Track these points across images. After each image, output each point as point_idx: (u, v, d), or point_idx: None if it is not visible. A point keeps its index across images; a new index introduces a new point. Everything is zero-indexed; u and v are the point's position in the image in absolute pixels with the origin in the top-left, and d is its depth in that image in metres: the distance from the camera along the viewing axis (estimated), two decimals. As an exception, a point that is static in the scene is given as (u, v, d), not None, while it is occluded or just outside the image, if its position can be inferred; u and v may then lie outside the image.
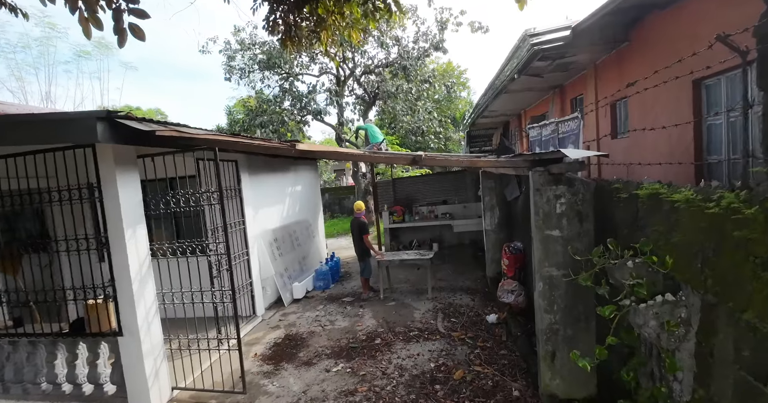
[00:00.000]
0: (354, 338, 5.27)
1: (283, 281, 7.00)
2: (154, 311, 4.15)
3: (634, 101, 5.13)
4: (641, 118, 5.03)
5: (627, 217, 2.61)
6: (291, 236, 7.97)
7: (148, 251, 4.10)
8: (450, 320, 5.60)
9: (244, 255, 6.08)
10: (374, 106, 15.40)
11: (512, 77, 6.62)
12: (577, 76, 7.02)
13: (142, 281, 4.02)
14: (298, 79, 14.94)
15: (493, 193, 6.83)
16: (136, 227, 3.97)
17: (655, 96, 4.68)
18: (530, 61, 5.64)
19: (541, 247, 3.29)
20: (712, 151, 4.15)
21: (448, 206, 10.54)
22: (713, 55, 2.58)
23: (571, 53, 5.48)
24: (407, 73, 13.32)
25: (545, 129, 4.38)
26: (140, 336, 3.97)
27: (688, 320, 2.01)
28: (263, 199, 6.98)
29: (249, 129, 14.08)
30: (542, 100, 9.42)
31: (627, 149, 5.45)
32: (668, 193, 2.13)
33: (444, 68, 23.55)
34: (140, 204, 4.03)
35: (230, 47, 14.02)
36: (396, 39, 13.92)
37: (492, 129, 15.64)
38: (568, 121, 3.55)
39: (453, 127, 21.87)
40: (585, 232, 3.20)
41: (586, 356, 2.48)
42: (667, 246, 2.16)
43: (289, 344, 5.25)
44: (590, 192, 3.15)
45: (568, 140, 3.52)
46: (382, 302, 6.65)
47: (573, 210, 3.19)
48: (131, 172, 3.94)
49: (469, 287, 7.01)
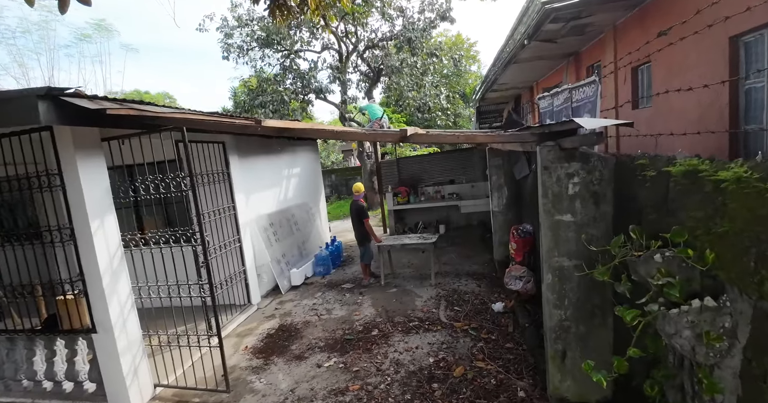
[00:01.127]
0: (350, 328, 4.96)
1: (280, 268, 6.71)
2: (129, 306, 3.87)
3: (660, 65, 4.54)
4: (667, 84, 4.44)
5: (655, 199, 2.14)
6: (289, 221, 7.64)
7: (119, 242, 3.79)
8: (453, 308, 5.25)
9: (236, 242, 5.78)
10: (379, 83, 14.74)
11: (522, 44, 6.01)
12: (594, 41, 6.35)
13: (114, 275, 3.72)
14: (299, 56, 14.31)
15: (501, 171, 6.33)
16: (104, 216, 3.64)
17: (683, 58, 4.10)
18: (541, 23, 5.04)
19: (550, 234, 2.85)
20: (751, 119, 3.60)
21: (456, 186, 10.06)
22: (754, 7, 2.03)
23: (587, 13, 4.86)
24: (412, 46, 12.59)
25: (557, 98, 3.85)
26: (114, 333, 3.71)
27: (734, 332, 1.58)
28: (256, 183, 6.62)
29: (250, 110, 13.63)
30: (556, 70, 8.72)
31: (650, 120, 4.88)
32: (711, 170, 1.66)
33: (453, 41, 22.53)
34: (107, 192, 3.68)
35: (227, 24, 13.42)
36: (400, 10, 13.13)
37: (503, 104, 14.91)
38: (584, 86, 3.04)
39: (463, 103, 21.06)
40: (602, 216, 2.75)
41: (601, 368, 2.07)
42: (707, 237, 1.71)
43: (282, 336, 4.98)
44: (609, 169, 2.68)
45: (583, 109, 3.01)
46: (382, 288, 6.32)
47: (588, 191, 2.72)
48: (95, 157, 3.58)
49: (475, 272, 6.62)
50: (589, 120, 2.50)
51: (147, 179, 3.63)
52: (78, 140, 3.42)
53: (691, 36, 3.88)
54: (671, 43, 3.03)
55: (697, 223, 1.78)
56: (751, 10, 2.95)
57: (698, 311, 1.65)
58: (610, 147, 5.89)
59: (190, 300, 4.16)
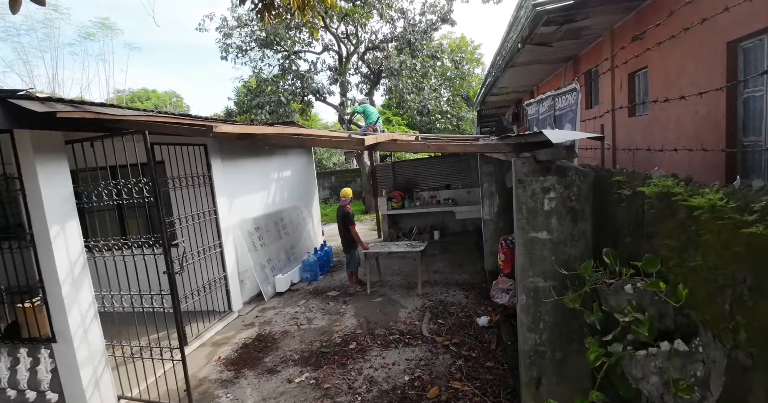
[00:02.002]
0: (328, 340, 4.78)
1: (264, 274, 6.55)
2: (92, 315, 3.72)
3: (656, 71, 4.32)
4: (664, 91, 4.22)
5: (630, 221, 1.94)
6: (277, 225, 7.48)
7: (82, 248, 3.64)
8: (437, 321, 5.04)
9: (217, 247, 5.62)
10: (379, 85, 14.57)
11: (516, 47, 5.80)
12: (592, 45, 6.14)
13: (75, 283, 3.57)
14: (299, 57, 14.19)
15: (492, 179, 6.12)
16: (66, 222, 3.49)
17: (681, 64, 3.88)
18: (534, 26, 4.83)
19: (524, 251, 2.65)
20: (750, 131, 3.37)
21: (451, 191, 9.85)
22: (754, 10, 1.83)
23: (582, 16, 4.64)
24: (413, 48, 12.41)
25: (542, 105, 3.65)
26: (74, 343, 3.57)
27: (706, 381, 1.38)
28: (242, 186, 6.46)
29: (248, 111, 13.53)
30: (555, 74, 8.50)
31: (647, 128, 4.65)
32: (684, 194, 1.46)
33: (457, 43, 22.31)
34: (70, 197, 3.54)
35: (227, 24, 13.33)
36: (401, 11, 12.96)
37: (504, 108, 14.67)
38: (565, 94, 2.83)
39: (466, 106, 20.82)
40: (580, 234, 2.54)
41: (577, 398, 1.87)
42: (681, 269, 1.51)
43: (257, 346, 4.81)
44: (588, 184, 2.47)
45: (564, 118, 2.81)
46: (368, 297, 6.13)
47: (565, 207, 2.52)
48: (56, 160, 3.43)
49: (465, 282, 6.41)
50: (556, 132, 2.30)
51: (110, 184, 3.47)
52: (38, 144, 3.27)
53: (687, 41, 3.67)
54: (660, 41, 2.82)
55: (671, 252, 1.57)
56: (750, 15, 2.74)
57: (667, 355, 1.45)
58: (607, 159, 5.67)
59: (163, 308, 4.01)
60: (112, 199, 3.44)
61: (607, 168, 2.49)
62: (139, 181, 3.32)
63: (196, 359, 4.67)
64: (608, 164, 5.60)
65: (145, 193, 3.34)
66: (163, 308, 3.66)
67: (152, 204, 5.36)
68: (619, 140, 5.27)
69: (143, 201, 3.37)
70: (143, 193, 3.34)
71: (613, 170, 2.20)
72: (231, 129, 2.87)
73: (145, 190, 3.33)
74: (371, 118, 7.54)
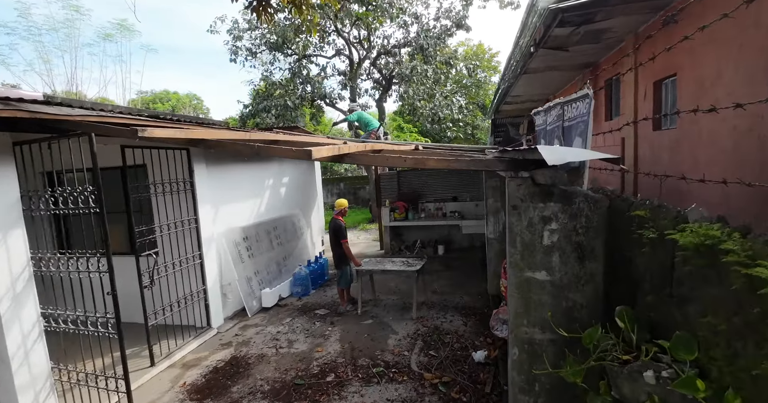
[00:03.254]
0: (305, 369, 4.31)
1: (249, 287, 6.13)
2: (36, 335, 3.35)
3: (686, 79, 3.76)
4: (695, 102, 3.66)
5: (654, 273, 1.43)
6: (269, 234, 7.08)
7: (27, 261, 3.27)
8: (428, 352, 4.52)
9: (196, 258, 5.24)
10: (391, 91, 14.18)
11: (529, 51, 5.30)
12: (614, 50, 5.58)
13: (16, 299, 3.21)
14: (311, 61, 13.93)
15: (498, 193, 5.59)
16: (8, 231, 3.13)
17: (716, 71, 3.33)
18: (548, 27, 4.33)
19: (517, 294, 2.15)
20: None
21: (458, 204, 9.31)
22: None
23: (602, 16, 4.12)
24: (425, 54, 11.98)
25: (549, 114, 3.15)
26: (12, 366, 3.19)
27: None
28: (229, 193, 6.09)
29: (256, 114, 13.30)
30: (572, 83, 7.93)
31: (674, 145, 4.08)
32: (741, 249, 0.95)
33: (474, 50, 21.82)
34: (16, 204, 3.18)
35: (238, 27, 13.17)
36: (415, 16, 12.58)
37: (519, 117, 14.07)
38: (576, 101, 2.34)
39: (481, 114, 20.27)
40: (588, 277, 2.03)
41: None
42: (730, 367, 0.99)
43: (228, 372, 4.37)
44: (600, 215, 1.96)
45: (574, 131, 2.32)
46: (357, 318, 5.65)
47: (570, 242, 2.01)
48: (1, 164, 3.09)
49: (465, 306, 5.87)
50: (556, 150, 1.80)
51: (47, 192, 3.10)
52: (-23, 144, 2.94)
53: (725, 44, 3.12)
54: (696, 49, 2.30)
55: (715, 335, 1.06)
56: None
57: None
58: (627, 181, 5.09)
59: (108, 333, 3.59)
60: (49, 209, 3.05)
61: (625, 196, 1.97)
62: (85, 190, 2.93)
63: (160, 382, 4.25)
64: (629, 185, 5.02)
65: (90, 204, 2.94)
66: (108, 333, 3.24)
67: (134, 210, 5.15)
68: (642, 157, 4.69)
69: (89, 211, 2.98)
70: (89, 202, 2.95)
71: (633, 200, 1.69)
72: (162, 134, 2.45)
73: (90, 200, 2.94)
74: (372, 125, 7.11)
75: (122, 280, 4.59)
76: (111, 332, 3.23)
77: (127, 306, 4.62)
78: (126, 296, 4.50)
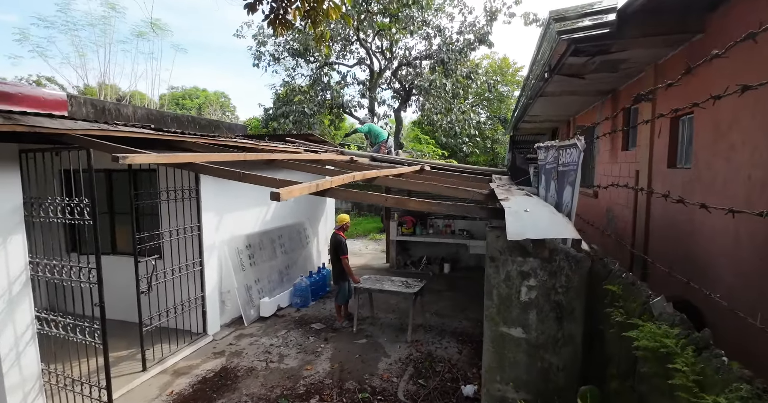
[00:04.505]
0: (291, 388, 4.28)
1: (248, 296, 6.16)
2: (29, 338, 3.43)
3: (703, 120, 3.60)
4: (711, 144, 3.49)
5: (621, 358, 1.34)
6: (273, 243, 7.12)
7: (25, 265, 3.36)
8: (417, 381, 4.43)
9: (196, 265, 5.30)
10: (411, 102, 14.16)
11: (543, 77, 5.18)
12: (633, 80, 5.41)
13: (12, 302, 3.30)
14: (333, 68, 14.06)
15: (504, 220, 5.46)
16: (8, 236, 3.23)
17: (732, 116, 3.17)
18: (562, 56, 4.22)
19: (492, 349, 2.06)
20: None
21: (468, 222, 9.17)
22: None
23: (617, 47, 3.99)
24: (445, 68, 11.93)
25: (549, 153, 3.04)
26: (4, 367, 3.27)
27: None
28: (234, 201, 6.15)
29: (275, 119, 13.49)
30: (593, 106, 7.73)
31: (687, 185, 3.90)
32: (690, 372, 0.87)
33: (498, 64, 21.61)
34: (18, 209, 3.27)
35: (263, 32, 13.42)
36: (438, 29, 12.56)
37: (539, 135, 13.83)
38: (569, 148, 2.23)
39: (503, 128, 20.02)
40: (567, 338, 1.93)
41: None
42: None
43: (216, 384, 4.38)
44: (581, 276, 1.86)
45: (566, 178, 2.21)
46: (352, 336, 5.59)
47: (548, 300, 1.92)
48: (4, 171, 3.18)
49: (463, 332, 5.74)
50: (523, 217, 1.71)
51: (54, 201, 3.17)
52: (-16, 152, 3.04)
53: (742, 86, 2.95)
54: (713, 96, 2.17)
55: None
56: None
57: None
58: (639, 210, 4.91)
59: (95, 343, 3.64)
60: (48, 216, 3.13)
61: (605, 261, 1.87)
62: (81, 201, 2.99)
63: (149, 388, 4.30)
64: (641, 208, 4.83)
65: (85, 215, 3.00)
66: (94, 343, 3.28)
67: (142, 212, 5.27)
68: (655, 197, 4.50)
69: (83, 223, 3.03)
70: (84, 214, 3.01)
71: (612, 267, 1.59)
72: (146, 160, 2.47)
73: (85, 212, 2.99)
74: (381, 137, 7.07)
75: (125, 279, 4.73)
76: (97, 342, 3.27)
77: (129, 305, 4.75)
78: (129, 296, 4.62)
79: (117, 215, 5.86)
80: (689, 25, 3.64)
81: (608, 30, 3.58)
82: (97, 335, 3.25)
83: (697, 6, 3.53)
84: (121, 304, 5.16)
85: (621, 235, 5.40)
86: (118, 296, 5.05)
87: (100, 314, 3.13)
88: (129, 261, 4.69)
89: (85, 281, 3.23)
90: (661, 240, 4.43)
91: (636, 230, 4.94)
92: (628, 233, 5.20)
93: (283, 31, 5.07)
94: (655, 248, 4.51)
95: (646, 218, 4.70)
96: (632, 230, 5.06)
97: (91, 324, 3.27)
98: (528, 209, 1.82)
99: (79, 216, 3.08)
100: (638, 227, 4.88)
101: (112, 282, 4.08)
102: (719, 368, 0.86)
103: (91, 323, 3.28)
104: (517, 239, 1.54)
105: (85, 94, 18.47)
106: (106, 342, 3.14)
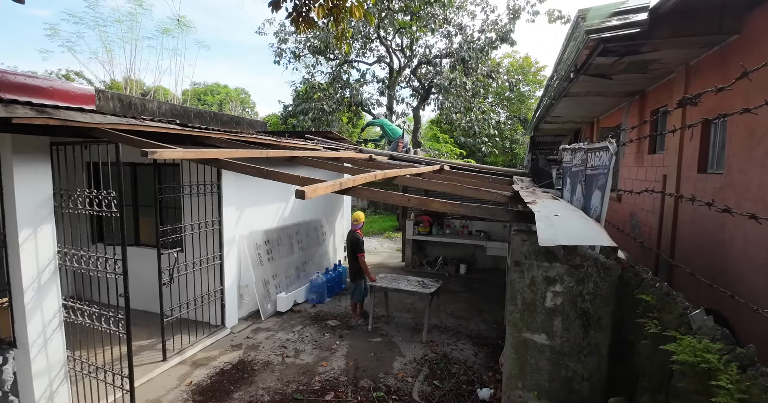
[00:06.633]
0: (307, 384, 4.32)
1: (265, 291, 6.24)
2: (56, 325, 3.54)
3: (737, 125, 3.47)
4: (745, 149, 3.36)
5: (653, 370, 1.30)
6: (291, 238, 7.18)
7: (53, 254, 3.47)
8: (432, 382, 4.41)
9: (216, 259, 5.39)
10: (430, 100, 14.08)
11: (569, 77, 5.08)
12: (662, 81, 5.25)
13: (41, 290, 3.40)
14: (352, 65, 14.09)
15: (524, 222, 5.38)
16: (39, 226, 3.34)
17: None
18: (590, 55, 4.12)
19: (514, 355, 2.03)
20: None
21: (485, 223, 9.08)
22: None
23: (648, 48, 3.88)
24: (466, 66, 11.81)
25: (575, 156, 2.97)
26: (31, 353, 3.39)
27: None
28: (255, 197, 6.22)
29: (295, 116, 13.60)
30: (619, 107, 7.54)
31: (719, 192, 3.77)
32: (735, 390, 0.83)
33: (520, 63, 21.29)
34: (48, 200, 3.38)
35: (284, 29, 13.52)
36: (460, 27, 12.44)
37: (561, 136, 13.58)
38: (600, 151, 2.17)
39: (522, 128, 19.76)
40: (592, 347, 1.88)
41: None
42: None
43: (233, 376, 4.45)
44: (609, 284, 1.82)
45: (595, 182, 2.14)
46: (367, 334, 5.61)
47: (575, 308, 1.88)
48: (37, 163, 3.29)
49: (479, 334, 5.69)
50: (555, 224, 1.66)
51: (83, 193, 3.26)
52: (18, 145, 3.14)
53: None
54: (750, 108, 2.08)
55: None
56: None
57: None
58: (666, 214, 4.77)
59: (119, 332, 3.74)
60: (77, 208, 3.22)
61: (637, 270, 1.81)
62: (109, 194, 3.06)
63: (169, 378, 4.40)
64: (668, 212, 4.70)
65: (113, 207, 3.08)
66: (118, 333, 3.37)
67: (164, 205, 5.40)
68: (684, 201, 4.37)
69: (110, 215, 3.11)
70: (111, 206, 3.08)
71: (644, 276, 1.54)
72: (175, 155, 2.51)
73: (113, 204, 3.07)
74: (397, 132, 7.02)
75: (148, 270, 4.85)
76: (121, 332, 3.36)
77: (150, 296, 4.89)
78: (151, 287, 4.75)
79: (141, 208, 5.99)
80: (725, 26, 3.51)
81: (639, 29, 3.49)
82: (121, 324, 3.34)
83: (734, 6, 3.41)
84: (143, 294, 5.28)
85: (645, 241, 5.26)
86: (140, 287, 5.18)
87: (125, 305, 3.22)
88: (152, 253, 4.82)
89: (111, 272, 3.31)
90: (688, 249, 4.30)
91: (662, 236, 4.81)
92: (653, 240, 5.07)
93: (305, 28, 5.08)
94: (681, 257, 4.38)
95: (672, 225, 4.57)
96: (657, 237, 4.93)
97: (116, 314, 3.36)
98: (558, 214, 1.79)
99: (106, 208, 3.17)
100: (664, 234, 4.75)
101: (134, 273, 4.18)
102: (767, 388, 0.82)
103: (116, 313, 3.37)
104: (550, 245, 1.51)
105: (112, 88, 18.95)
106: (129, 332, 3.23)
